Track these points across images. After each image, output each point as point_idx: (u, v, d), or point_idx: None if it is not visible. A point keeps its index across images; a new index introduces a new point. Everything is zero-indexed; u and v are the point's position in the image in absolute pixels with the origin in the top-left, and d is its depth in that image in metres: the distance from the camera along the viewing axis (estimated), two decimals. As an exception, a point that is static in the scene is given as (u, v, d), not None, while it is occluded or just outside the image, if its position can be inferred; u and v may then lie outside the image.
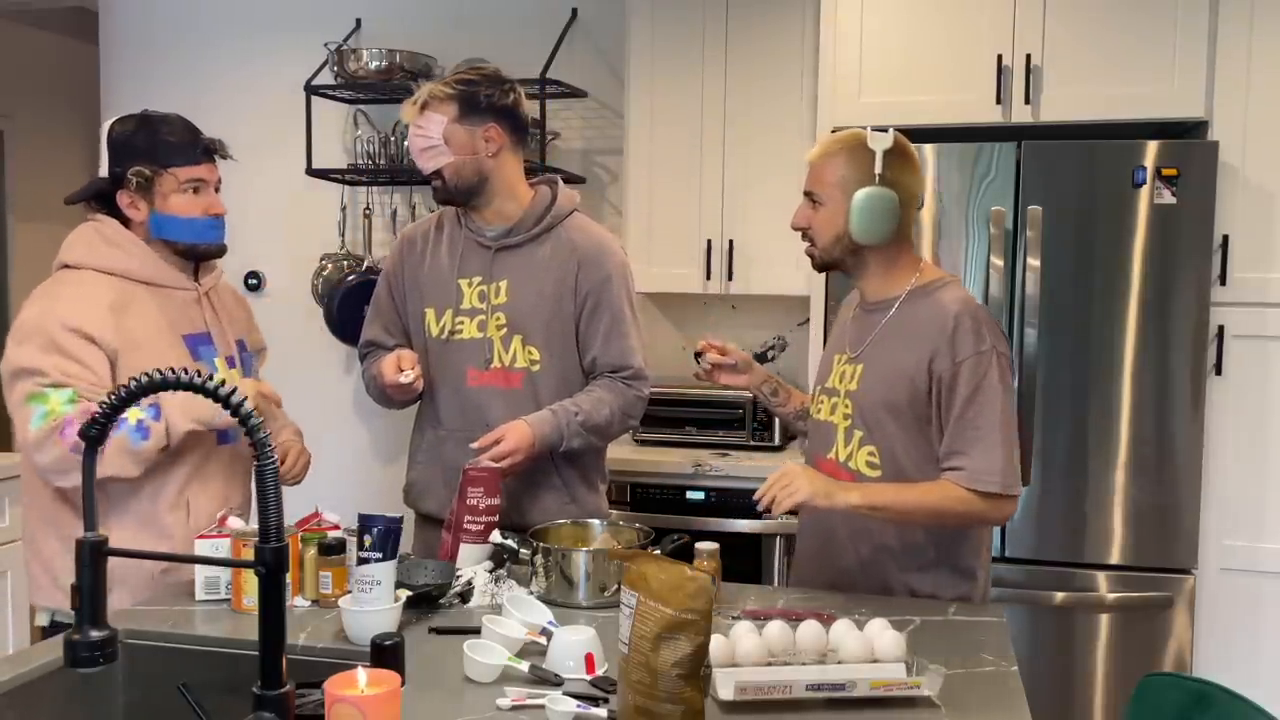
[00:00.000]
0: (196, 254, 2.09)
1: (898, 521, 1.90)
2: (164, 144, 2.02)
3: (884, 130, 1.90)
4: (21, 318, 1.96)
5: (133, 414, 1.92)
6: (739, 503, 3.13)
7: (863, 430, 1.95)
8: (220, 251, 2.12)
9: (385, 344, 2.33)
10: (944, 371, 1.86)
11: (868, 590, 1.97)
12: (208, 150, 2.07)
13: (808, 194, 1.96)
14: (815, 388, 2.12)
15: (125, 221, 2.05)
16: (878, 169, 1.87)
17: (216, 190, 2.09)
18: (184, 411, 1.95)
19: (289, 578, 1.54)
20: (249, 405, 1.14)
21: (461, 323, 2.23)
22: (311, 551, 1.85)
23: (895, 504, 1.86)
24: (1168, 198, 2.81)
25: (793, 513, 1.89)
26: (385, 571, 1.69)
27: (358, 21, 4.06)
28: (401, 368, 2.15)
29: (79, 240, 2.05)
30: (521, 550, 1.94)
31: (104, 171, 2.05)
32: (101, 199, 2.06)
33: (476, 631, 1.65)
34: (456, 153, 2.16)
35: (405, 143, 3.83)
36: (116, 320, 1.96)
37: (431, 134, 2.15)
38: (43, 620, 2.07)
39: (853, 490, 1.86)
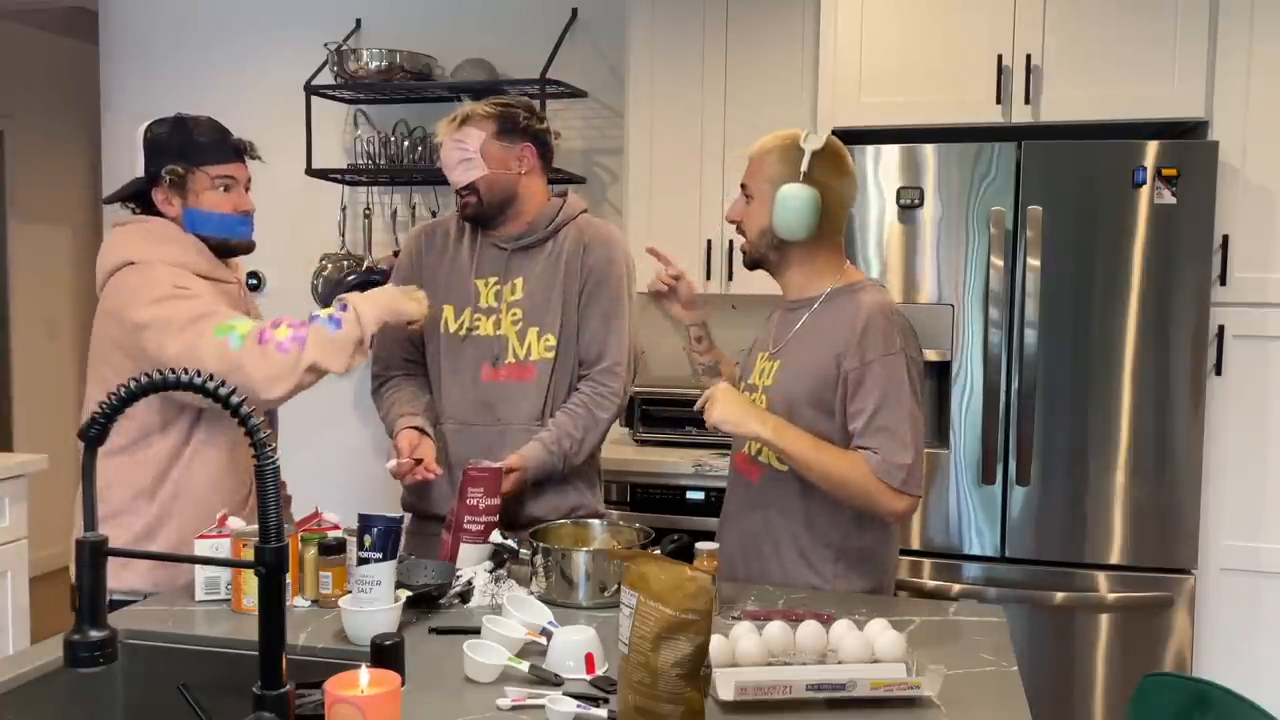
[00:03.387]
0: (228, 249, 2.15)
1: (796, 468, 1.93)
2: (195, 144, 2.09)
3: (821, 134, 1.99)
4: (135, 290, 1.98)
5: (323, 311, 2.04)
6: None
7: None
8: (250, 247, 2.19)
9: (388, 361, 2.37)
10: (852, 370, 1.91)
11: (783, 582, 2.02)
12: (237, 150, 2.15)
13: (743, 187, 2.05)
14: (740, 384, 2.16)
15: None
16: (804, 167, 1.94)
17: (246, 189, 2.16)
18: (370, 303, 2.05)
19: (289, 578, 1.54)
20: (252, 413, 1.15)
21: (479, 320, 2.28)
22: (311, 551, 1.85)
23: (801, 453, 1.90)
24: (1168, 198, 2.81)
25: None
26: (385, 571, 1.69)
27: (358, 21, 4.06)
28: (416, 457, 2.17)
29: (132, 238, 2.07)
30: (521, 550, 1.94)
31: (139, 172, 2.11)
32: (138, 198, 2.13)
33: (476, 631, 1.65)
34: (491, 167, 2.22)
35: (406, 144, 3.84)
36: None
37: (469, 147, 2.21)
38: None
39: (766, 422, 1.91)
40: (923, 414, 1.94)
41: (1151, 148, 2.82)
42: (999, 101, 2.99)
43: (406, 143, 3.85)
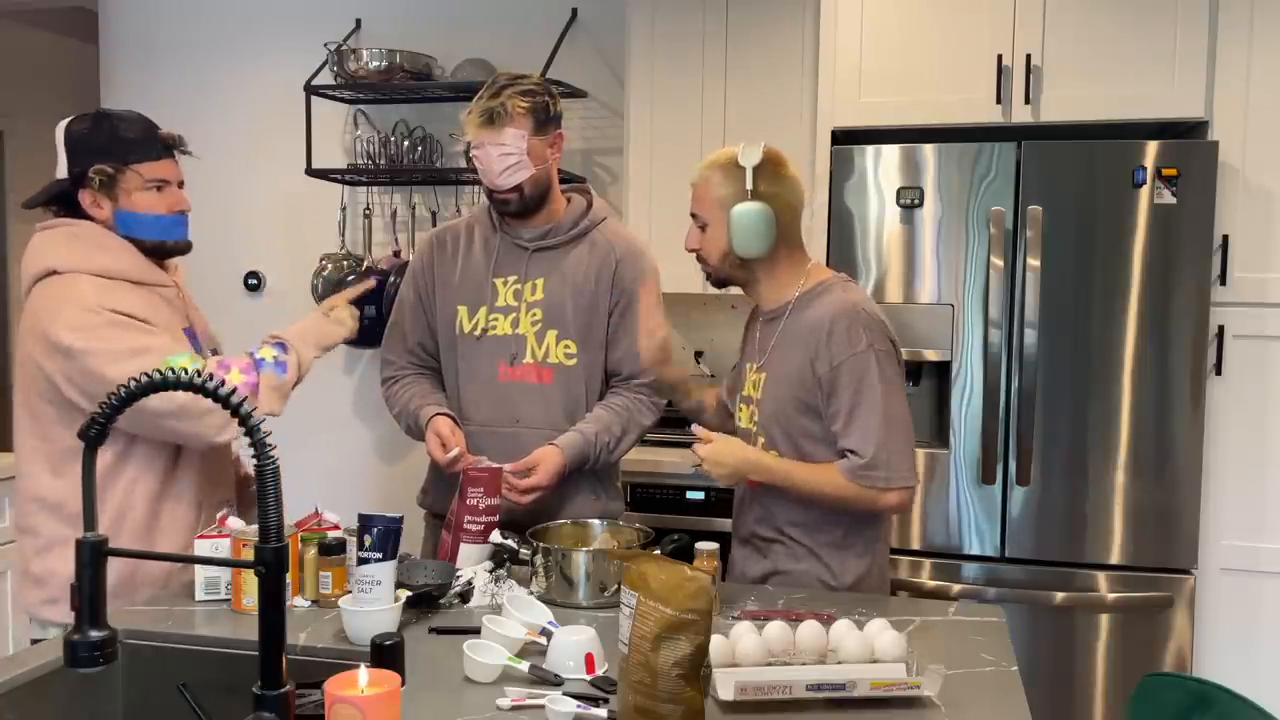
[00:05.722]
0: (164, 251, 2.03)
1: (795, 496, 1.99)
2: (124, 141, 1.96)
3: (755, 146, 1.98)
4: (58, 306, 1.86)
5: (266, 352, 1.98)
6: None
7: (764, 436, 2.04)
8: (186, 248, 2.07)
9: (400, 364, 2.34)
10: (824, 374, 1.95)
11: (781, 570, 2.06)
12: (167, 146, 2.02)
13: (694, 216, 2.06)
14: (736, 398, 2.19)
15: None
16: (748, 184, 1.95)
17: (180, 186, 2.04)
18: (304, 341, 2.02)
19: (289, 578, 1.54)
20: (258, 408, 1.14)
21: (495, 320, 2.25)
22: (311, 551, 1.85)
23: (792, 484, 1.97)
24: (1168, 198, 2.81)
25: None
26: (385, 571, 1.69)
27: (358, 21, 4.06)
28: (446, 446, 2.15)
29: (55, 244, 1.95)
30: (521, 550, 1.94)
31: (61, 173, 1.99)
32: (61, 201, 2.00)
33: (476, 631, 1.65)
34: (536, 164, 2.17)
35: (406, 144, 3.84)
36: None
37: (514, 149, 2.13)
38: (53, 633, 1.98)
39: (758, 468, 1.97)
40: (903, 402, 1.97)
41: (1151, 148, 2.82)
42: (999, 101, 2.98)
43: (406, 143, 3.85)
